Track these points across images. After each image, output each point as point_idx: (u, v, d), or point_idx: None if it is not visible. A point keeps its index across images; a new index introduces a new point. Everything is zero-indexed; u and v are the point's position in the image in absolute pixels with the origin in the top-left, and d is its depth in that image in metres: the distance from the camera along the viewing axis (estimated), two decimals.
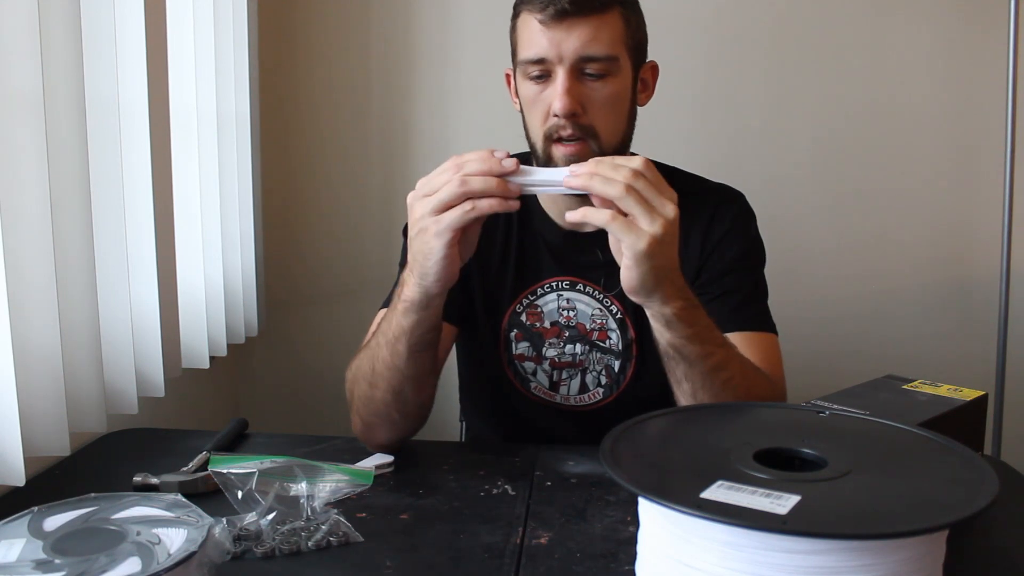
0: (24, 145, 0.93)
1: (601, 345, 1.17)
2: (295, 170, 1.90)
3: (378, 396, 1.01)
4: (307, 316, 1.94)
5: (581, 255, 1.15)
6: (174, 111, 1.33)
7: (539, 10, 1.01)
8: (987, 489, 0.61)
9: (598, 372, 1.17)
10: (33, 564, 0.62)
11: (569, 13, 1.00)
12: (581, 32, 1.01)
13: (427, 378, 1.02)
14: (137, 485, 0.95)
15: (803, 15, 1.82)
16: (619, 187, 0.85)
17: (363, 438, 1.06)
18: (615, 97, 1.05)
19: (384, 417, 1.02)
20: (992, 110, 1.76)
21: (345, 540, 0.81)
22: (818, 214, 1.86)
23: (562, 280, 1.16)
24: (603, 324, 1.16)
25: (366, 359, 1.02)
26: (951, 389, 0.98)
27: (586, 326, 1.16)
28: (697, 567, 0.60)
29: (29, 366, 0.95)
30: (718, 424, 0.79)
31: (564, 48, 1.01)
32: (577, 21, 1.01)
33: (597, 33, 1.02)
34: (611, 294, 1.15)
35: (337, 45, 1.87)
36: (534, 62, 1.04)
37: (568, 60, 1.02)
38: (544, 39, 1.02)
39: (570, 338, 1.17)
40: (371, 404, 1.02)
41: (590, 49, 1.01)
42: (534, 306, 1.17)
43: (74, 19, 1.02)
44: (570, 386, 1.18)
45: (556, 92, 1.02)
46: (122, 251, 1.15)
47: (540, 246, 1.17)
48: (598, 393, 1.18)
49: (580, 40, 1.01)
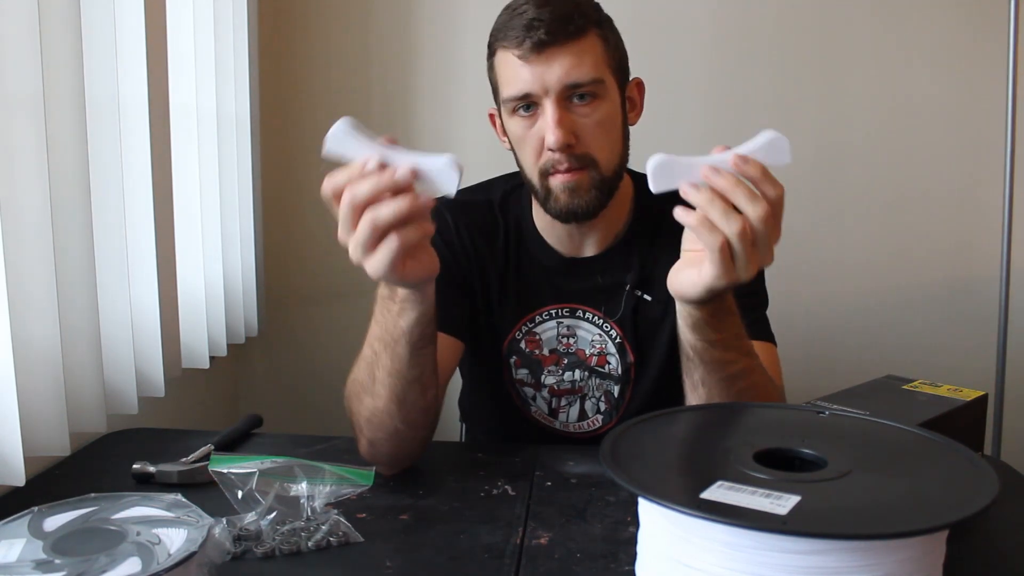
0: (24, 145, 0.93)
1: (600, 371, 1.15)
2: (295, 170, 1.90)
3: (381, 407, 0.94)
4: (307, 316, 1.94)
5: (581, 280, 1.14)
6: (174, 111, 1.33)
7: (516, 45, 0.99)
8: (987, 489, 0.61)
9: (597, 399, 1.16)
10: (33, 564, 0.62)
11: (547, 43, 0.98)
12: (562, 61, 0.99)
13: (430, 378, 0.95)
14: (136, 473, 0.95)
15: (803, 18, 1.82)
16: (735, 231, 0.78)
17: (370, 457, 0.98)
18: (606, 120, 1.03)
19: (389, 431, 0.95)
20: (992, 110, 1.76)
21: (345, 540, 0.81)
22: (818, 215, 1.86)
23: (562, 308, 1.14)
24: (602, 349, 1.14)
25: (364, 370, 0.95)
26: (951, 389, 0.98)
27: (585, 352, 1.15)
28: (697, 567, 0.60)
29: (29, 366, 0.95)
30: (718, 424, 0.79)
31: (548, 79, 0.99)
32: (556, 51, 0.99)
33: (579, 59, 0.99)
34: (612, 319, 1.13)
35: (337, 45, 1.87)
36: (519, 98, 1.01)
37: (554, 91, 0.99)
38: (526, 73, 1.00)
39: (569, 365, 1.15)
40: (374, 418, 0.95)
41: (574, 76, 0.99)
42: (532, 334, 1.15)
43: (74, 19, 1.02)
44: (569, 413, 1.17)
45: (548, 125, 1.00)
46: (122, 251, 1.15)
47: (538, 272, 1.15)
48: (597, 420, 1.17)
49: (563, 68, 0.99)
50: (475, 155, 1.33)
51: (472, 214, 1.16)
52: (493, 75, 1.07)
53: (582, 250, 1.14)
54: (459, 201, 1.06)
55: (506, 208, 1.17)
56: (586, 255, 1.14)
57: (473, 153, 1.37)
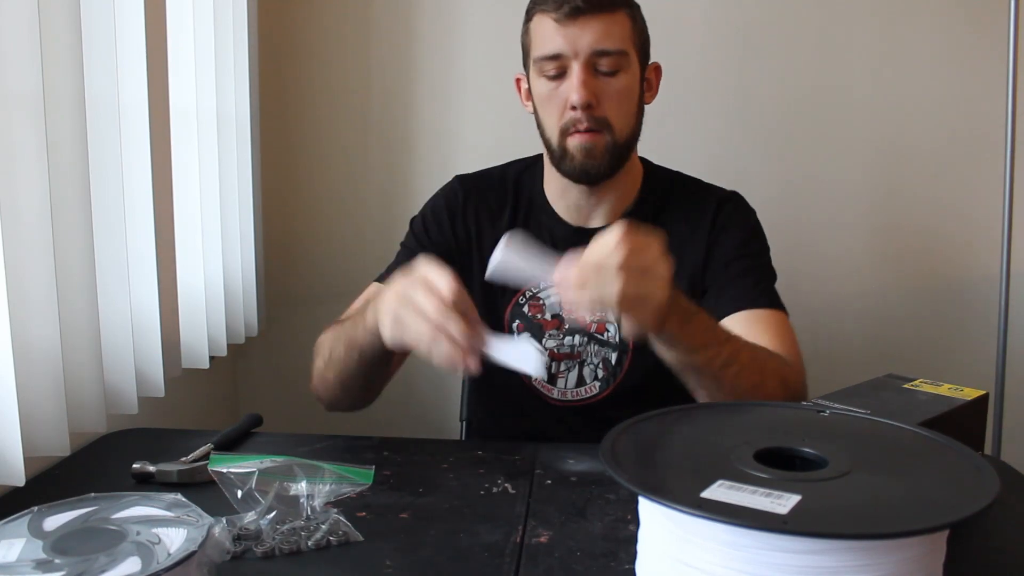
0: (24, 145, 0.93)
1: (599, 337, 1.20)
2: (295, 170, 1.90)
3: (329, 378, 1.09)
4: (307, 316, 1.94)
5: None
6: (174, 111, 1.33)
7: (554, 10, 1.09)
8: (987, 489, 0.61)
9: (595, 365, 1.20)
10: (33, 564, 0.62)
11: (582, 11, 1.08)
12: (594, 28, 1.09)
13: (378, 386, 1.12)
14: (136, 473, 0.96)
15: (803, 17, 1.82)
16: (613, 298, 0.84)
17: (314, 394, 1.15)
18: (626, 91, 1.13)
19: (329, 393, 1.12)
20: (992, 110, 1.76)
21: (345, 539, 0.81)
22: (818, 213, 1.86)
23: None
24: (602, 316, 1.19)
25: (331, 339, 1.08)
26: (952, 388, 0.98)
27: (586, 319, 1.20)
28: (697, 567, 0.60)
29: (29, 366, 0.95)
30: (718, 423, 0.79)
31: (579, 43, 1.09)
32: (590, 19, 1.09)
33: (609, 29, 1.10)
34: None
35: (337, 45, 1.87)
36: (550, 58, 1.11)
37: (583, 54, 1.09)
38: (559, 36, 1.10)
39: (569, 330, 1.20)
40: (323, 382, 1.11)
41: (603, 43, 1.09)
42: (536, 298, 1.21)
43: (74, 19, 1.02)
44: (567, 379, 1.21)
45: (573, 85, 1.10)
46: (122, 251, 1.15)
47: (547, 240, 1.20)
48: (595, 387, 1.20)
49: (593, 35, 1.09)
50: (475, 155, 1.34)
51: (483, 190, 1.26)
52: (527, 39, 1.16)
53: (590, 221, 1.22)
54: (473, 177, 1.28)
55: (519, 182, 1.27)
56: (594, 226, 1.20)
57: (473, 153, 1.38)
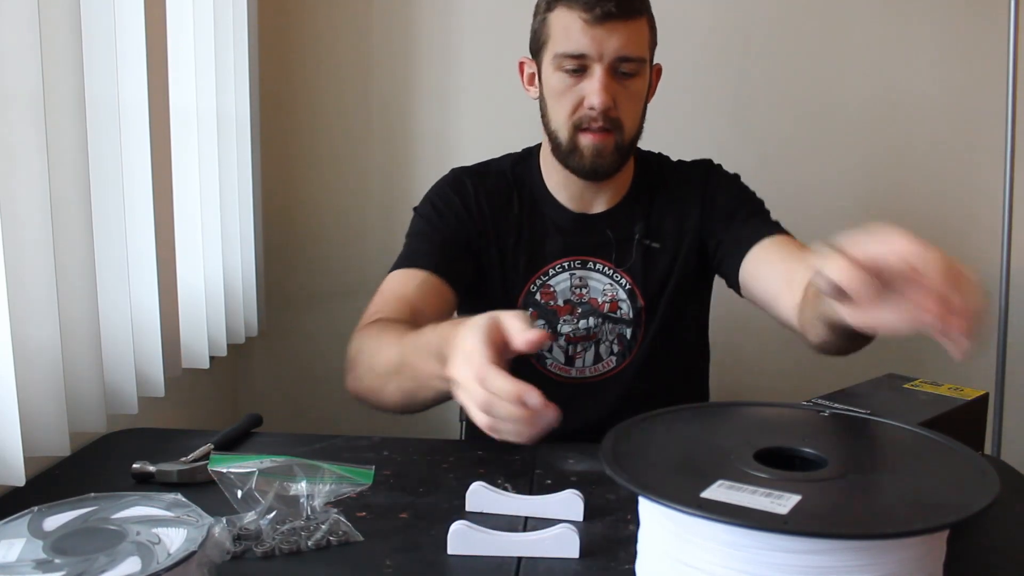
0: (24, 145, 0.93)
1: (613, 316, 1.24)
2: (295, 170, 1.90)
3: (388, 403, 0.99)
4: (307, 316, 1.94)
5: (591, 235, 1.24)
6: (174, 111, 1.32)
7: (585, 10, 1.10)
8: (987, 489, 0.61)
9: (611, 342, 1.24)
10: (33, 564, 0.62)
11: (613, 16, 1.10)
12: (621, 34, 1.11)
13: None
14: (136, 472, 0.95)
15: (802, 14, 1.82)
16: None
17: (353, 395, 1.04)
18: (637, 95, 1.16)
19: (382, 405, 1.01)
20: (992, 110, 1.76)
21: (345, 539, 0.81)
22: (818, 212, 1.86)
23: (573, 260, 1.24)
24: (614, 296, 1.23)
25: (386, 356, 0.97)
26: (952, 388, 0.98)
27: (598, 300, 1.24)
28: (697, 567, 0.60)
29: (29, 366, 0.95)
30: (718, 424, 0.79)
31: (605, 47, 1.11)
32: (618, 24, 1.10)
33: (633, 36, 1.12)
34: (621, 268, 1.23)
35: (337, 45, 1.87)
36: (574, 56, 1.12)
37: (608, 58, 1.11)
38: (587, 37, 1.10)
39: (583, 313, 1.23)
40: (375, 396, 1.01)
41: (627, 50, 1.12)
42: (547, 286, 1.24)
43: (74, 19, 1.02)
44: (585, 358, 1.25)
45: (594, 88, 1.11)
46: (122, 251, 1.15)
47: (551, 228, 1.24)
48: (611, 362, 1.24)
49: (620, 41, 1.11)
50: (474, 154, 1.34)
51: (489, 182, 1.27)
52: (544, 28, 1.16)
53: (592, 207, 1.25)
54: (477, 169, 1.28)
55: (517, 174, 1.28)
56: (596, 211, 1.25)
57: (472, 153, 1.38)
